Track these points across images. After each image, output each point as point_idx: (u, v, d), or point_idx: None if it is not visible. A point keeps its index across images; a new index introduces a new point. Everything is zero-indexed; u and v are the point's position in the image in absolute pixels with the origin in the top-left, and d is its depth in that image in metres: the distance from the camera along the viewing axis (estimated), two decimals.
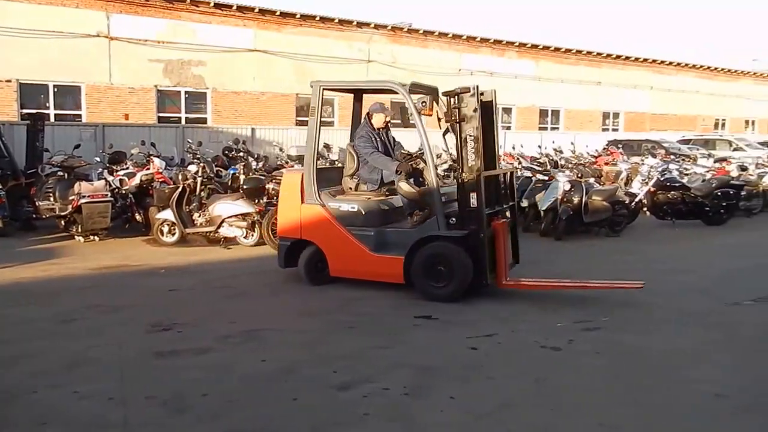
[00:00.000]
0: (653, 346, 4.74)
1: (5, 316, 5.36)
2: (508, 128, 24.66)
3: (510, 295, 6.11)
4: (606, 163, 14.35)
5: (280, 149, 14.25)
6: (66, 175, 9.57)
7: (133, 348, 4.62)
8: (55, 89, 16.62)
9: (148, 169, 9.80)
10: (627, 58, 28.62)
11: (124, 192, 9.41)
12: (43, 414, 3.51)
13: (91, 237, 8.78)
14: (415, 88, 6.31)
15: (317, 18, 20.16)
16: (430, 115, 6.00)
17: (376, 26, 21.39)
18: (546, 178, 10.31)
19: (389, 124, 6.77)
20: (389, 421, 3.49)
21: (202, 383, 3.95)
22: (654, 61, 29.77)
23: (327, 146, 13.40)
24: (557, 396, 3.84)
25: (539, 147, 15.96)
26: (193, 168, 9.37)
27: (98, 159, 10.91)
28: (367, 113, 6.70)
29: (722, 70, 32.80)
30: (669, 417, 3.54)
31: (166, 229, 8.78)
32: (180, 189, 8.63)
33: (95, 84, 16.83)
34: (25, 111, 15.77)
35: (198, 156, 10.09)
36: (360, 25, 21.04)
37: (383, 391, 3.85)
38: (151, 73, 17.52)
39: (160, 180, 9.42)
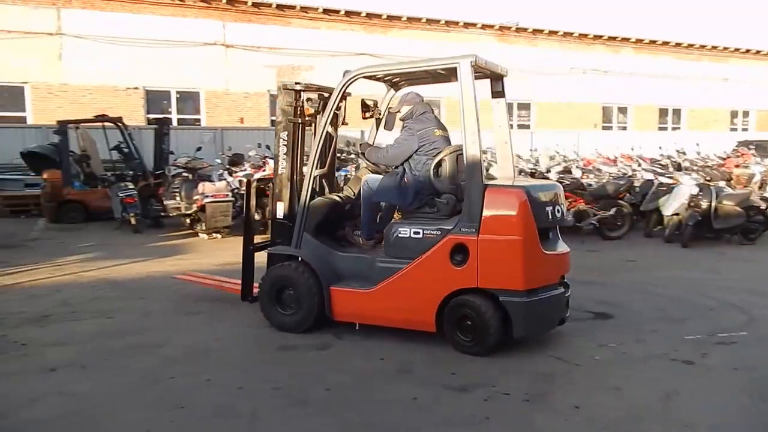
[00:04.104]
0: None
1: (137, 308, 5.81)
2: (624, 128, 23.71)
3: (635, 302, 5.92)
4: (736, 166, 13.44)
5: None
6: (190, 176, 10.26)
7: (258, 340, 4.88)
8: (177, 95, 17.86)
9: (264, 170, 10.28)
10: (758, 52, 26.57)
11: (242, 192, 9.94)
12: (180, 398, 3.78)
13: (214, 234, 9.34)
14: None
15: (423, 20, 20.32)
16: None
17: (484, 26, 21.24)
18: (669, 181, 9.82)
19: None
20: (512, 428, 3.46)
21: (324, 378, 4.10)
22: None
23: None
24: (689, 412, 3.65)
25: (660, 148, 15.17)
26: (305, 169, 9.72)
27: (219, 161, 11.62)
28: None
29: None
30: None
31: None
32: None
33: (213, 90, 17.90)
34: (150, 116, 17.07)
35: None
36: (467, 25, 20.97)
37: (504, 396, 3.83)
38: (265, 79, 18.36)
39: None
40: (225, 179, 9.92)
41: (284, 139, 5.18)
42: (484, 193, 4.41)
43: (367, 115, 5.39)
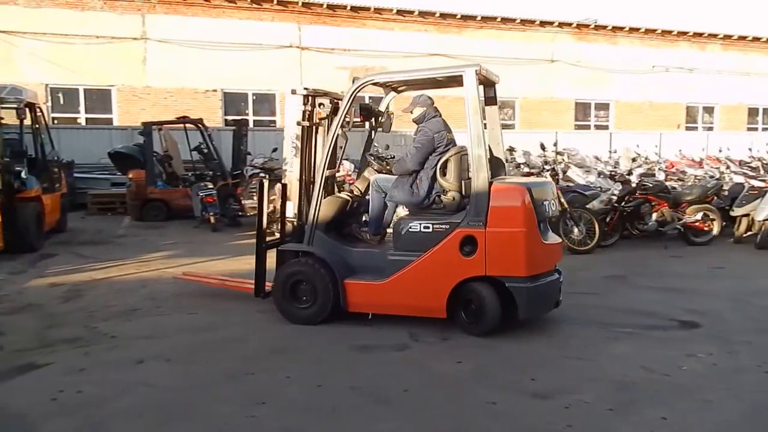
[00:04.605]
0: None
1: (218, 305, 6.00)
2: (710, 129, 22.66)
3: (725, 311, 5.66)
4: None
5: None
6: (267, 176, 10.53)
7: (335, 340, 4.95)
8: (253, 97, 18.39)
9: (338, 172, 10.42)
10: None
11: None
12: (260, 394, 3.89)
13: None
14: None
15: (498, 19, 20.10)
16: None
17: (561, 24, 20.79)
18: (761, 184, 9.32)
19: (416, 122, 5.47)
20: None
21: (402, 379, 4.12)
22: None
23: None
24: None
25: (749, 150, 14.40)
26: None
27: None
28: None
29: None
30: None
31: None
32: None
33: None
34: (227, 117, 17.66)
35: (385, 160, 10.51)
36: (543, 24, 20.59)
37: (586, 404, 3.74)
38: (338, 80, 18.60)
39: (350, 182, 9.99)
40: None
41: (294, 142, 5.49)
42: (490, 189, 4.83)
43: (364, 119, 5.80)
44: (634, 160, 12.56)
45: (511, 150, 12.50)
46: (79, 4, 16.41)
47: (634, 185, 8.93)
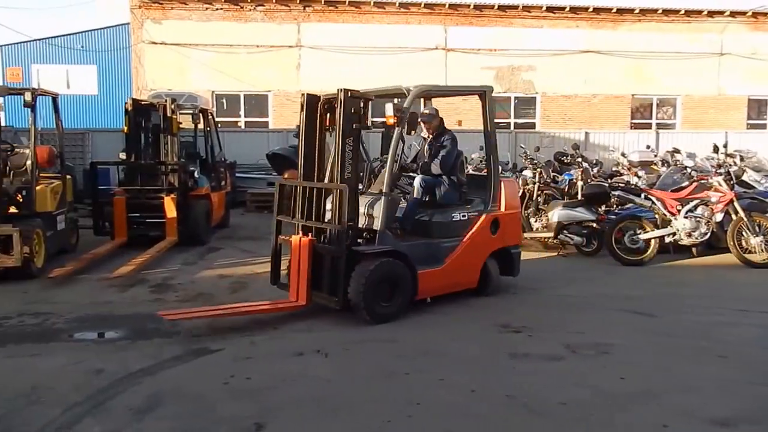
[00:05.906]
0: None
1: None
2: None
3: None
4: None
5: (622, 154, 13.55)
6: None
7: (488, 344, 4.92)
8: (397, 99, 18.69)
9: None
10: None
11: None
12: (415, 395, 3.94)
13: None
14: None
15: (659, 11, 18.84)
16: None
17: (733, 13, 19.04)
18: None
19: (433, 130, 6.47)
20: None
21: (559, 391, 3.98)
22: None
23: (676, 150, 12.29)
24: None
25: None
26: (528, 173, 9.60)
27: None
28: None
29: None
30: None
31: None
32: (519, 193, 8.90)
33: None
34: (374, 119, 18.06)
35: (535, 161, 10.28)
36: (711, 14, 18.99)
37: None
38: (482, 81, 18.44)
39: None
40: None
41: (350, 145, 5.52)
42: (501, 183, 6.46)
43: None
44: None
45: (675, 151, 11.64)
46: (243, 17, 17.71)
47: None
